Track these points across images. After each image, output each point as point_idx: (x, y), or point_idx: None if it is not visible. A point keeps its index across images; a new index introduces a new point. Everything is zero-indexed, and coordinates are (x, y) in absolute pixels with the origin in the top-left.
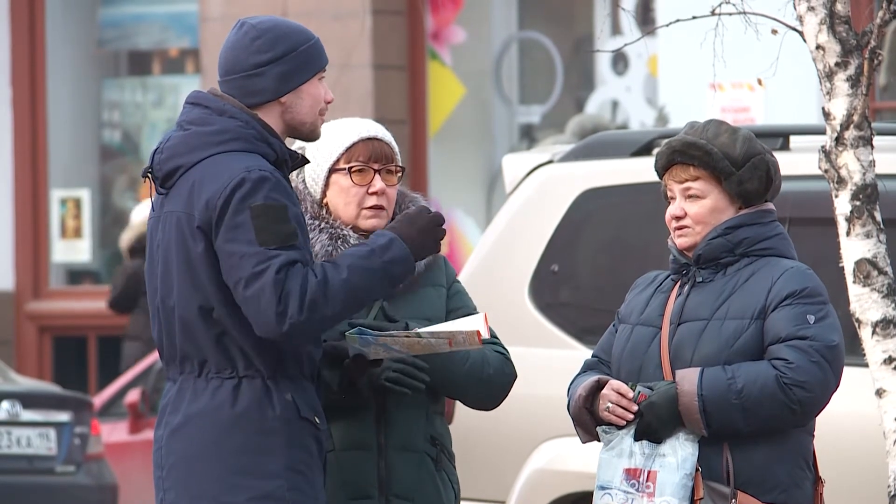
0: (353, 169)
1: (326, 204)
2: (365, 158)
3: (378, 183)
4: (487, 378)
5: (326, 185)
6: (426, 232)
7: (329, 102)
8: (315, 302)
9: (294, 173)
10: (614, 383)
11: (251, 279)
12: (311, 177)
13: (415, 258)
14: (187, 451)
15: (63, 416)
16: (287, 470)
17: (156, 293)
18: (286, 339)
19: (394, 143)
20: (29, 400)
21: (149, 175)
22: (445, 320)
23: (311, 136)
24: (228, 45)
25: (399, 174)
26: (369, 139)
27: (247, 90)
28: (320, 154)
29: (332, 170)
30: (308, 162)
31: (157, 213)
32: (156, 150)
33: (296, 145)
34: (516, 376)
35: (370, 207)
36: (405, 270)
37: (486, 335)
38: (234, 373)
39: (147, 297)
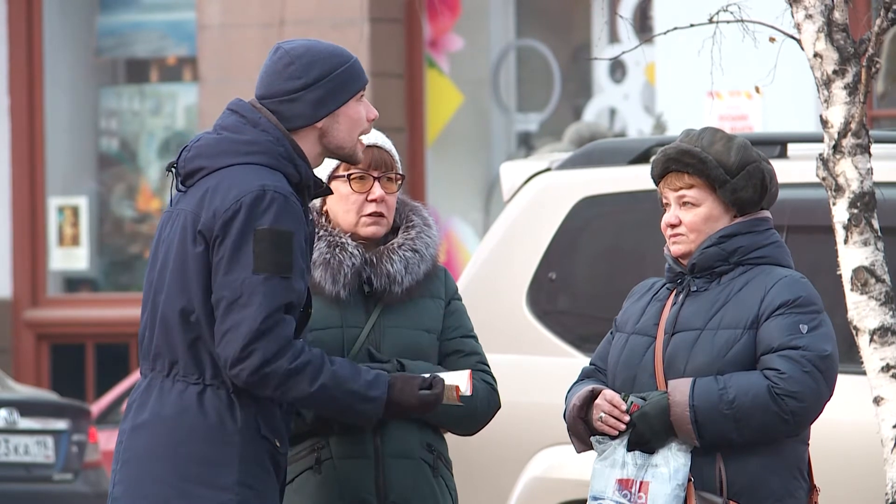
0: (352, 176)
1: (326, 212)
2: (364, 166)
3: (377, 190)
4: (473, 411)
5: None
6: (413, 408)
7: (373, 120)
8: (269, 378)
9: None
10: (607, 393)
11: (234, 307)
12: None
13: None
14: (144, 449)
15: (61, 424)
16: (238, 484)
17: (151, 286)
18: (231, 377)
19: (394, 151)
20: (27, 408)
21: (172, 169)
22: (441, 337)
23: (352, 158)
24: (264, 70)
25: (399, 182)
26: (369, 147)
27: (282, 115)
28: None
29: (332, 177)
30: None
31: (171, 209)
32: (184, 147)
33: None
34: (500, 406)
35: (369, 214)
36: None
37: (465, 392)
38: (200, 379)
39: (144, 289)
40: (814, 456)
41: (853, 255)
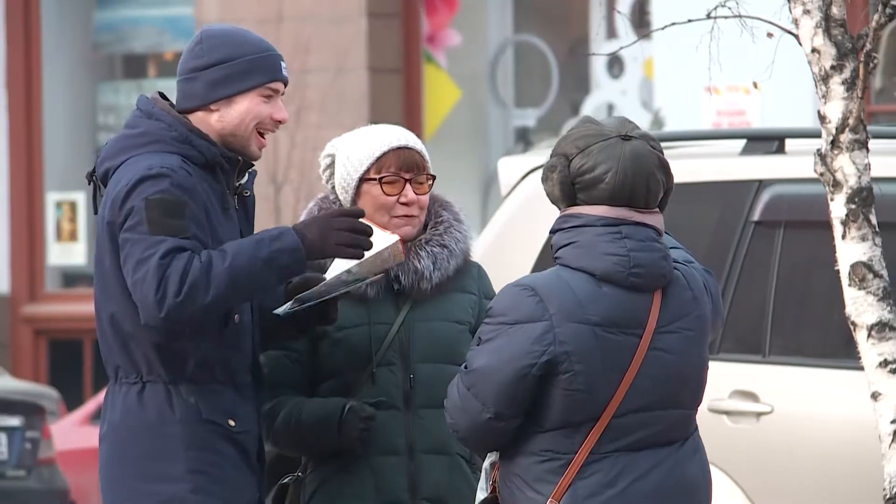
0: (384, 180)
1: None
2: (396, 168)
3: (409, 193)
4: None
5: (357, 194)
6: (328, 228)
7: (280, 122)
8: (195, 286)
9: (324, 180)
10: None
11: (137, 265)
12: (340, 185)
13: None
14: (105, 458)
15: (14, 421)
16: (189, 472)
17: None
18: (167, 327)
19: (424, 151)
20: None
21: (93, 178)
22: (474, 331)
23: (243, 151)
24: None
25: (430, 182)
26: (399, 148)
27: (183, 94)
28: (350, 163)
29: (363, 179)
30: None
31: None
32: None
33: (325, 152)
34: None
35: (401, 216)
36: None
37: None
38: (138, 377)
39: None
40: (813, 452)
41: (851, 250)
